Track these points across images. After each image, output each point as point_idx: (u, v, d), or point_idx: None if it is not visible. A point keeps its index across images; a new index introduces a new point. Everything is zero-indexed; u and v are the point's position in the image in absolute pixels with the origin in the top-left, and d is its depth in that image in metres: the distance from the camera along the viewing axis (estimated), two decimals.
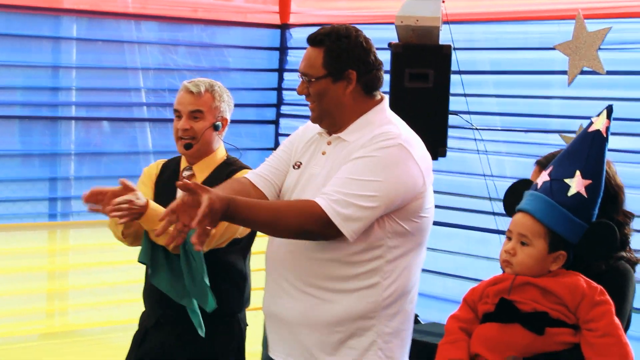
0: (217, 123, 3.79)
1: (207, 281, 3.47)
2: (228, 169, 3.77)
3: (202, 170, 3.79)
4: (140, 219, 3.41)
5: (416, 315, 3.45)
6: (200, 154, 3.80)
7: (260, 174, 3.29)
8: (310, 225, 2.95)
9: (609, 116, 2.72)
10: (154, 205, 3.44)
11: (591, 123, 2.73)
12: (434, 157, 4.93)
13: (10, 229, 4.97)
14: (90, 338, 3.46)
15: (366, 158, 3.01)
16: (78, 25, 5.79)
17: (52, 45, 5.73)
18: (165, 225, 2.88)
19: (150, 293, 3.83)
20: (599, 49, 4.57)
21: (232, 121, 4.01)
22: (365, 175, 2.98)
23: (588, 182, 2.67)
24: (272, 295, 3.21)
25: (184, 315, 3.67)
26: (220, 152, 3.86)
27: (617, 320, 2.63)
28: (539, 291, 2.66)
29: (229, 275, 3.77)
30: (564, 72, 4.72)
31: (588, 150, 2.70)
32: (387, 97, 3.23)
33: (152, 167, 3.94)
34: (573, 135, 4.61)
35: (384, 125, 3.10)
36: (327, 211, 2.93)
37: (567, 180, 2.68)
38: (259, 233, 3.60)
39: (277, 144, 6.42)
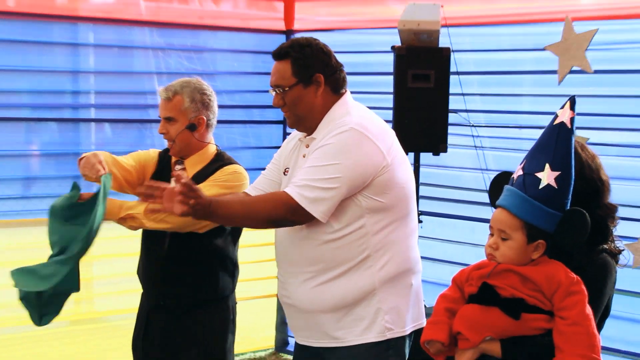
0: (192, 124, 3.86)
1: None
2: (216, 164, 3.91)
3: (193, 165, 3.92)
4: None
5: None
6: (183, 153, 3.92)
7: (257, 187, 3.57)
8: (280, 212, 3.20)
9: (572, 107, 2.79)
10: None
11: (556, 116, 2.81)
12: (436, 153, 5.23)
13: (38, 224, 5.18)
14: (113, 324, 3.66)
15: (324, 147, 3.26)
16: (95, 32, 6.00)
17: (71, 51, 5.95)
18: (142, 192, 3.17)
19: (146, 272, 3.98)
20: (587, 49, 4.72)
21: (240, 122, 4.15)
22: (324, 161, 3.22)
23: (557, 173, 2.75)
24: (281, 285, 3.47)
25: (183, 297, 3.86)
26: (211, 148, 3.96)
27: (588, 310, 2.72)
28: (519, 278, 2.76)
29: (222, 262, 3.95)
30: (554, 72, 4.88)
31: (555, 142, 2.77)
32: (349, 91, 3.46)
33: (153, 157, 4.03)
34: None
35: (341, 118, 3.33)
36: (294, 197, 3.19)
37: (538, 174, 2.77)
38: None
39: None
